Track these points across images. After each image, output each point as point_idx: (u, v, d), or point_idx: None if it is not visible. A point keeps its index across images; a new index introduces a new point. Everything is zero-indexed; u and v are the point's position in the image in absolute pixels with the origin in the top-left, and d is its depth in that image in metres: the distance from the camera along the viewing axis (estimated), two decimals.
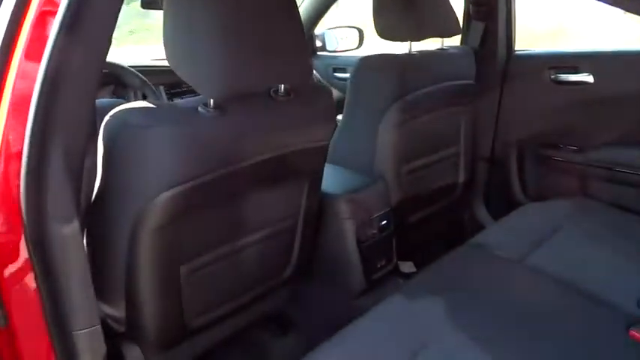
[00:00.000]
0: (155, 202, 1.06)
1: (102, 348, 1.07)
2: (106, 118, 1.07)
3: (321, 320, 1.70)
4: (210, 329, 1.42)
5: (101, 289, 1.12)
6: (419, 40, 1.77)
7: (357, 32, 2.78)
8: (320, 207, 1.52)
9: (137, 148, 1.03)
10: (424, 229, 1.96)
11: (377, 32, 1.78)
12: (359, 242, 1.60)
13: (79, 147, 0.96)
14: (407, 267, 1.94)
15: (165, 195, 1.06)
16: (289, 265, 1.52)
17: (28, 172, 0.89)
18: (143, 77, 1.90)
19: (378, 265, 1.66)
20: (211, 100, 1.09)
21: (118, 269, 1.15)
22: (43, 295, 0.96)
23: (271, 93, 1.21)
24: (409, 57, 1.81)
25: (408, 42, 1.79)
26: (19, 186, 0.89)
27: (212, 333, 1.45)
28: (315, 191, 1.45)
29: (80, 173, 0.99)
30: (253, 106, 1.18)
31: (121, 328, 1.26)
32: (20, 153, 0.88)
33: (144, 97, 1.88)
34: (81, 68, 0.91)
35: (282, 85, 1.20)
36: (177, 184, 1.06)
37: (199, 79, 1.06)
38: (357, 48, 2.77)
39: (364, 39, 2.79)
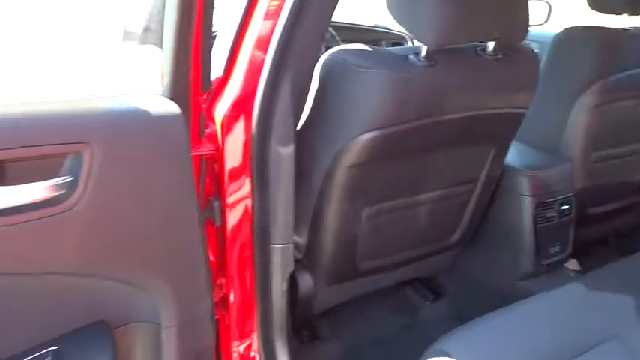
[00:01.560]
0: (357, 140, 1.12)
1: (290, 266, 1.18)
2: (325, 56, 1.15)
3: (477, 295, 1.67)
4: (373, 275, 1.48)
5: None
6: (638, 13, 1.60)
7: (546, 6, 2.60)
8: (500, 177, 1.48)
9: (352, 87, 1.09)
10: (604, 225, 1.80)
11: (588, 2, 1.65)
12: (535, 222, 1.52)
13: (305, 80, 1.06)
14: (571, 264, 1.81)
15: (367, 136, 1.11)
16: (457, 230, 1.51)
17: (262, 97, 1.00)
18: (333, 32, 1.99)
19: (551, 251, 1.57)
20: (423, 50, 1.11)
21: (309, 199, 1.24)
22: (256, 206, 1.08)
23: (478, 51, 1.20)
24: (620, 32, 1.64)
25: (624, 15, 1.62)
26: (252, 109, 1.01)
27: (373, 279, 1.51)
28: (500, 160, 1.42)
29: (302, 104, 1.08)
30: (461, 61, 1.18)
31: (298, 255, 1.36)
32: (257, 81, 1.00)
33: None
34: (316, 8, 0.99)
35: (492, 44, 1.18)
36: (380, 127, 1.11)
37: (418, 26, 1.09)
38: (544, 23, 2.59)
39: (551, 14, 2.60)
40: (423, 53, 1.11)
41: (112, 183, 0.75)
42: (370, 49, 1.14)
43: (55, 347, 0.82)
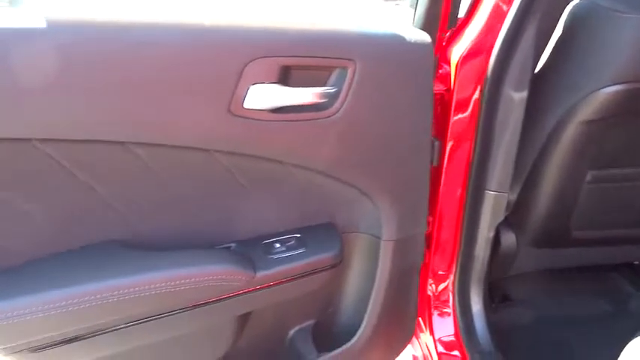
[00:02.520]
0: (598, 93, 1.05)
1: (500, 215, 1.18)
2: (574, 1, 1.09)
3: None
4: (583, 248, 1.39)
5: None
6: None
7: None
8: None
9: (605, 32, 1.03)
10: None
11: None
12: None
13: (550, 26, 1.03)
14: None
15: (612, 89, 1.04)
16: None
17: (503, 41, 1.00)
18: None
19: None
20: None
21: (530, 151, 1.21)
22: (477, 149, 1.10)
23: None
24: None
25: None
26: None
27: (581, 253, 1.42)
28: None
29: (542, 50, 1.06)
30: None
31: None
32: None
33: None
34: None
35: None
36: (629, 80, 1.03)
37: None
38: None
39: None
40: None
41: (367, 97, 0.85)
42: None
43: (298, 235, 0.97)
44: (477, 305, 1.30)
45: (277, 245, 0.94)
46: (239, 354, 1.03)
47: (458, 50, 1.06)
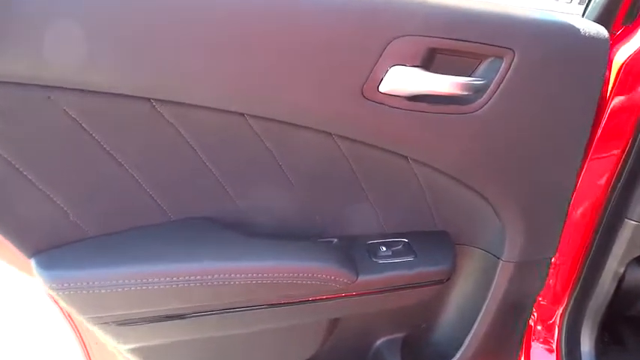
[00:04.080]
0: None
1: (637, 251, 1.02)
2: None
3: None
4: None
5: None
6: None
7: None
8: None
9: None
10: None
11: None
12: None
13: None
14: None
15: None
16: None
17: None
18: None
19: None
20: None
21: None
22: (624, 169, 0.94)
23: None
24: None
25: None
26: None
27: None
28: None
29: None
30: None
31: None
32: None
33: None
34: None
35: None
36: None
37: None
38: None
39: None
40: None
41: (519, 95, 0.72)
42: None
43: (406, 240, 0.86)
44: (586, 346, 1.14)
45: (383, 248, 0.84)
46: (323, 357, 0.95)
47: (625, 51, 0.89)
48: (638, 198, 0.96)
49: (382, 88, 0.67)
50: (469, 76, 0.71)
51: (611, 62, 0.92)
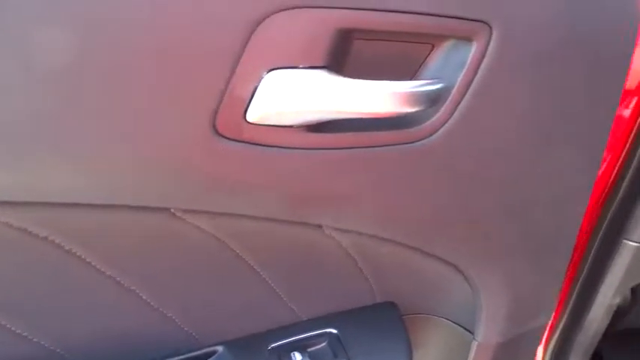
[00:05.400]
0: None
1: (637, 277, 0.78)
2: None
3: None
4: None
5: None
6: None
7: None
8: None
9: None
10: None
11: None
12: None
13: None
14: None
15: None
16: None
17: None
18: None
19: None
20: None
21: None
22: (624, 184, 0.68)
23: None
24: None
25: None
26: None
27: None
28: None
29: None
30: None
31: None
32: None
33: None
34: None
35: None
36: None
37: None
38: None
39: None
40: None
41: (502, 102, 0.41)
42: None
43: (334, 331, 0.55)
44: None
45: (297, 356, 0.53)
46: None
47: None
48: (635, 218, 0.70)
49: (252, 116, 0.35)
50: (414, 79, 0.40)
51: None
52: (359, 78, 0.37)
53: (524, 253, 0.53)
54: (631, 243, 0.74)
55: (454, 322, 0.61)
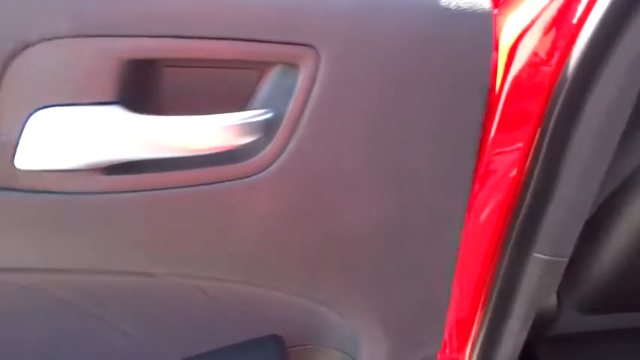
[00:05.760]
0: None
1: (551, 290, 0.76)
2: None
3: None
4: None
5: None
6: None
7: None
8: None
9: None
10: None
11: None
12: None
13: None
14: None
15: None
16: None
17: (611, 8, 0.53)
18: None
19: None
20: None
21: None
22: (531, 186, 0.65)
23: None
24: None
25: None
26: None
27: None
28: None
29: None
30: None
31: None
32: None
33: None
34: None
35: None
36: None
37: None
38: None
39: None
40: None
41: (339, 126, 0.38)
42: None
43: None
44: None
45: None
46: None
47: (517, 21, 0.58)
48: (550, 225, 0.67)
49: (23, 160, 0.30)
50: (244, 110, 0.37)
51: (497, 38, 0.60)
52: (176, 111, 0.33)
53: (397, 285, 0.49)
54: (540, 256, 0.72)
55: (343, 352, 0.58)
